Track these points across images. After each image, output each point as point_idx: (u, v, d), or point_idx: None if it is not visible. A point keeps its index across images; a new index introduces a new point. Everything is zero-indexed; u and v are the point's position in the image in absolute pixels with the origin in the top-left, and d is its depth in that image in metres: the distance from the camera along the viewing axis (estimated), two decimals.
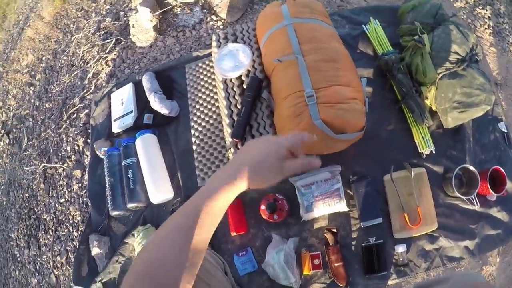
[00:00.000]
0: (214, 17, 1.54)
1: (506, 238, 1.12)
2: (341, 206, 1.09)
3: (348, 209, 1.12)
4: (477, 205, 1.09)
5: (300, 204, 1.11)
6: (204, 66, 1.36)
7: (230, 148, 1.06)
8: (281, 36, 1.03)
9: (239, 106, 1.08)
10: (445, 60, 1.12)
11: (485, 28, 1.47)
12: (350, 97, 0.92)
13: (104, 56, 1.73)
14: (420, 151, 1.16)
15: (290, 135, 0.58)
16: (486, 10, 1.49)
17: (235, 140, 1.03)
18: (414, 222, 1.08)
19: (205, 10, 1.56)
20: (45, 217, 1.74)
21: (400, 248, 1.06)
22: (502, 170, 1.07)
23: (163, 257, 0.47)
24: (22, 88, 2.24)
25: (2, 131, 2.20)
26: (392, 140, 1.20)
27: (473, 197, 1.07)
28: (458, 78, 1.09)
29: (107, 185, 1.34)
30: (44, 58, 2.18)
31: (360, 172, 1.16)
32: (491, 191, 1.05)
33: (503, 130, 1.23)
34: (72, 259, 1.54)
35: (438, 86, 1.13)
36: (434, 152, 1.15)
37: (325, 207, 1.09)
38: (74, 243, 1.59)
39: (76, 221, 1.62)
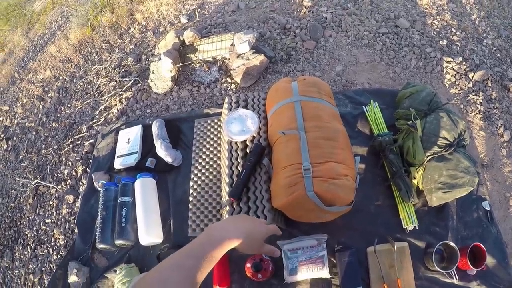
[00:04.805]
0: (229, 79, 1.66)
1: None
2: (323, 272, 1.14)
3: (330, 276, 1.16)
4: (456, 279, 1.13)
5: (284, 266, 1.15)
6: (212, 124, 1.45)
7: (226, 206, 1.11)
8: (288, 111, 1.13)
9: (239, 168, 1.15)
10: (434, 145, 1.21)
11: (476, 113, 1.59)
12: (342, 174, 1.00)
13: (120, 93, 1.82)
14: (404, 227, 1.21)
15: (273, 226, 0.78)
16: (479, 96, 1.62)
17: (231, 199, 1.09)
18: None
19: (222, 71, 1.69)
20: (26, 232, 1.74)
21: None
22: (482, 246, 1.11)
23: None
24: (32, 100, 2.30)
25: (2, 135, 2.23)
26: (378, 214, 1.26)
27: (452, 272, 1.12)
28: (444, 161, 1.18)
29: (98, 217, 1.36)
30: (61, 78, 2.26)
31: (345, 242, 1.22)
32: (471, 266, 1.09)
33: (486, 208, 1.29)
34: (46, 281, 1.54)
35: (426, 168, 1.21)
36: (417, 228, 1.21)
37: (308, 272, 1.14)
38: (52, 265, 1.59)
39: (58, 245, 1.62)
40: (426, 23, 1.91)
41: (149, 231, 1.27)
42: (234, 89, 1.64)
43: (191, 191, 1.33)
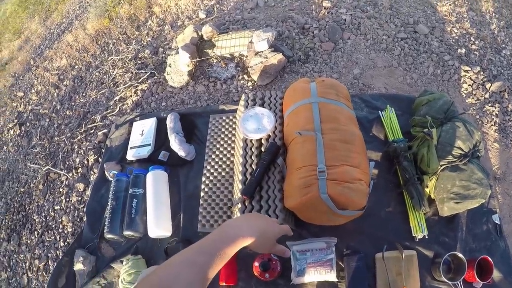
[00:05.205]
0: (245, 77, 1.65)
1: None
2: (331, 276, 1.14)
3: (337, 280, 1.16)
4: None
5: (292, 267, 1.15)
6: (227, 120, 1.45)
7: (237, 204, 1.11)
8: (305, 112, 1.13)
9: (253, 166, 1.15)
10: (449, 154, 1.20)
11: (492, 125, 1.56)
12: (357, 178, 1.00)
13: (135, 84, 1.82)
14: (413, 235, 1.21)
15: (285, 226, 0.77)
16: (495, 108, 1.59)
17: (244, 196, 1.09)
18: None
19: (239, 68, 1.68)
20: (34, 217, 1.75)
21: None
22: (490, 259, 1.11)
23: (173, 285, 0.52)
24: (47, 87, 2.32)
25: (16, 121, 2.25)
26: (389, 221, 1.26)
27: (459, 283, 1.11)
28: (458, 171, 1.18)
29: (108, 207, 1.38)
30: (76, 67, 2.28)
31: (354, 247, 1.22)
32: (477, 279, 1.09)
33: (496, 222, 1.28)
34: (51, 267, 1.55)
35: (439, 177, 1.21)
36: (427, 237, 1.21)
37: (315, 275, 1.14)
38: (58, 252, 1.59)
39: (65, 232, 1.63)
40: (445, 30, 1.89)
41: (159, 224, 1.28)
42: (250, 87, 1.64)
43: (202, 186, 1.33)
